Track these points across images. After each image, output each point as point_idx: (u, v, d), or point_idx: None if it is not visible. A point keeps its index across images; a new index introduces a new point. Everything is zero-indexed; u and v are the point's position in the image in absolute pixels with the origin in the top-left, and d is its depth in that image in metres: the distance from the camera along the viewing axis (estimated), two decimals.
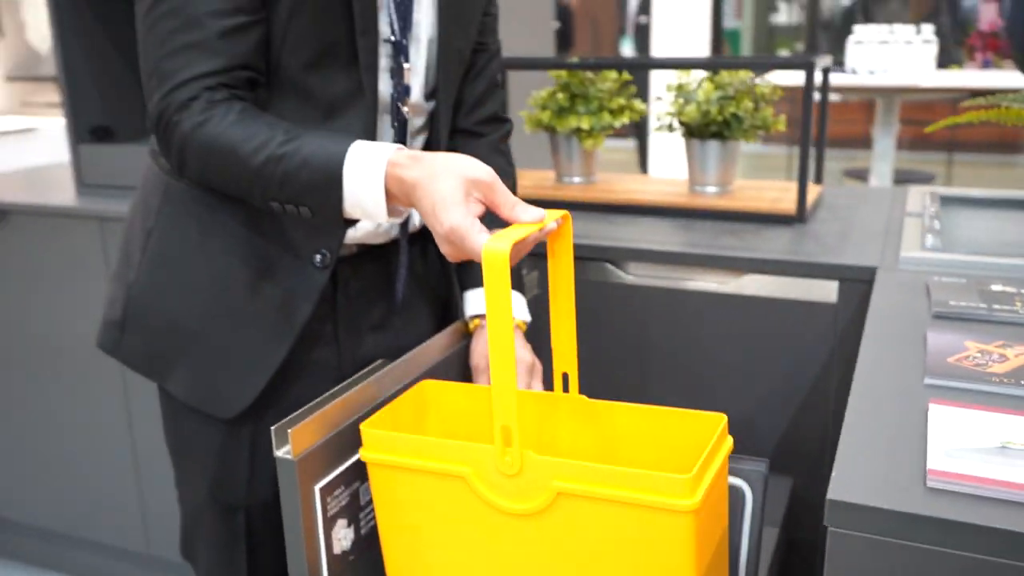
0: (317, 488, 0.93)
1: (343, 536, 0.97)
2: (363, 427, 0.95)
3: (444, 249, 0.93)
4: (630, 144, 7.03)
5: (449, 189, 0.90)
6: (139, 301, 1.14)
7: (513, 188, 1.25)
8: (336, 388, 0.99)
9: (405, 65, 1.10)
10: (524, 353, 1.16)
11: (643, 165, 6.65)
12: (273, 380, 1.11)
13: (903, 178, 3.56)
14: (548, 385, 1.08)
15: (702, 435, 0.93)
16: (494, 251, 0.82)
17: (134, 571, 2.10)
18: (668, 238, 1.48)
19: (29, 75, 4.30)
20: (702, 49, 6.36)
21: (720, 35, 6.07)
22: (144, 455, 1.91)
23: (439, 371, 1.13)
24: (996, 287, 1.14)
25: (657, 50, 6.46)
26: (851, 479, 0.69)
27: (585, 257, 1.47)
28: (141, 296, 1.13)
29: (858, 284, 1.29)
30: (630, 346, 1.48)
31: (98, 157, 1.93)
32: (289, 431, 0.89)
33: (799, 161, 1.53)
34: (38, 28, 4.26)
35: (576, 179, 1.81)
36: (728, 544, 0.97)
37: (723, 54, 7.68)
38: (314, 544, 0.94)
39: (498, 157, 1.26)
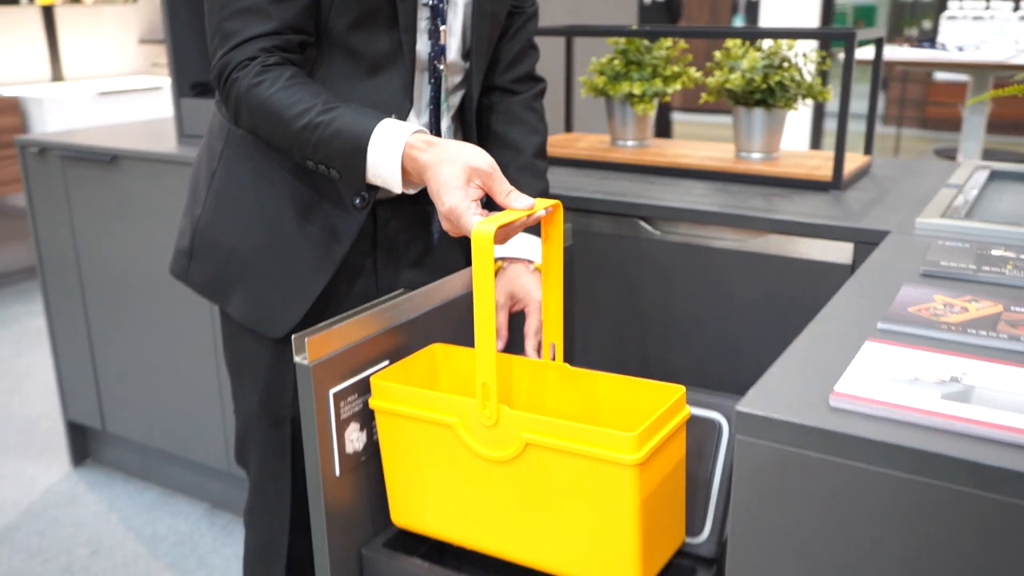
0: (331, 393, 1.06)
1: (355, 438, 1.11)
2: (373, 379, 1.10)
3: (444, 225, 1.07)
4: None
5: (452, 174, 1.04)
6: (204, 233, 1.29)
7: (543, 144, 1.35)
8: (357, 309, 1.12)
9: (441, 27, 1.22)
10: (536, 292, 1.26)
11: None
12: (317, 307, 1.26)
13: (992, 158, 3.44)
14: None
15: (662, 403, 1.02)
16: (481, 232, 0.97)
17: (216, 485, 2.32)
18: (700, 199, 1.55)
19: (158, 38, 4.62)
20: (811, 24, 6.23)
21: (831, 11, 5.92)
22: (227, 379, 2.11)
23: (455, 305, 1.25)
24: (995, 252, 1.17)
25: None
26: (764, 396, 0.77)
27: (620, 214, 1.56)
28: (206, 229, 1.29)
29: (871, 247, 1.33)
30: (655, 298, 1.56)
31: (197, 110, 2.12)
32: (307, 340, 1.03)
33: (837, 129, 1.57)
34: None
35: (629, 143, 1.89)
36: (686, 496, 1.07)
37: None
38: (327, 443, 1.07)
39: (530, 114, 1.36)
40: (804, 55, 1.69)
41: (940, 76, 6.76)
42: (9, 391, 3.08)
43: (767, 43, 1.73)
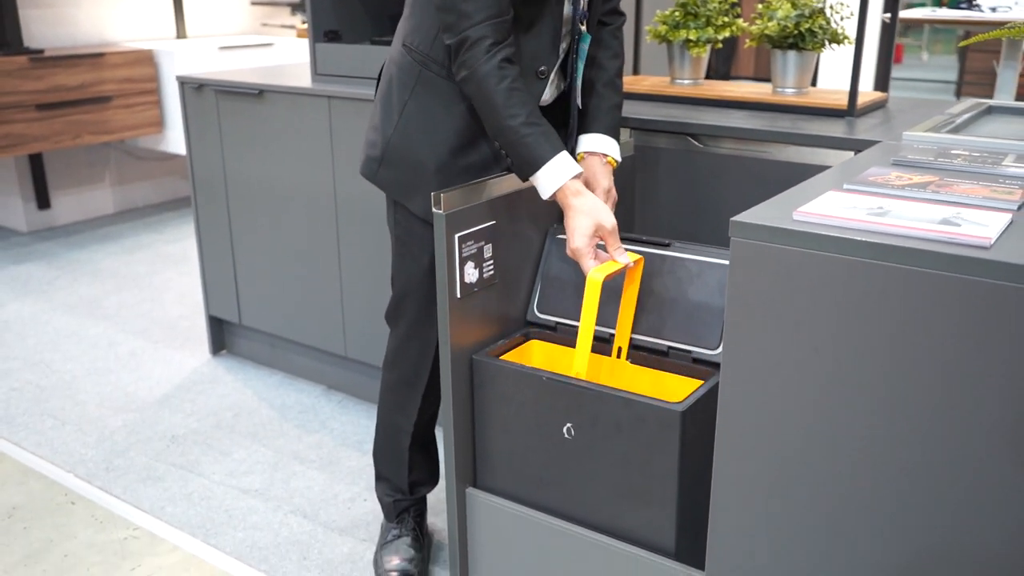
0: (456, 236, 1.50)
1: (470, 273, 1.55)
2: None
3: (568, 252, 1.53)
4: None
5: (585, 224, 1.49)
6: (395, 147, 1.69)
7: (622, 67, 1.76)
8: (477, 180, 1.55)
9: None
10: (604, 179, 1.67)
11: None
12: None
13: None
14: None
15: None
16: (593, 279, 1.45)
17: (333, 370, 2.80)
18: (736, 122, 1.94)
19: (268, 0, 5.12)
20: None
21: None
22: (347, 277, 2.57)
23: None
24: (956, 151, 1.54)
25: None
26: (753, 214, 1.18)
27: (674, 132, 1.96)
28: (397, 144, 1.68)
29: None
30: (700, 196, 1.96)
31: (328, 53, 2.58)
32: (442, 195, 1.47)
33: (852, 64, 1.94)
34: None
35: (686, 81, 2.29)
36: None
37: None
38: (453, 273, 1.51)
39: (614, 41, 1.77)
40: (832, 6, 2.06)
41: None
42: (151, 300, 3.62)
43: None
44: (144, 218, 4.79)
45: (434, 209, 1.48)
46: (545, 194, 1.51)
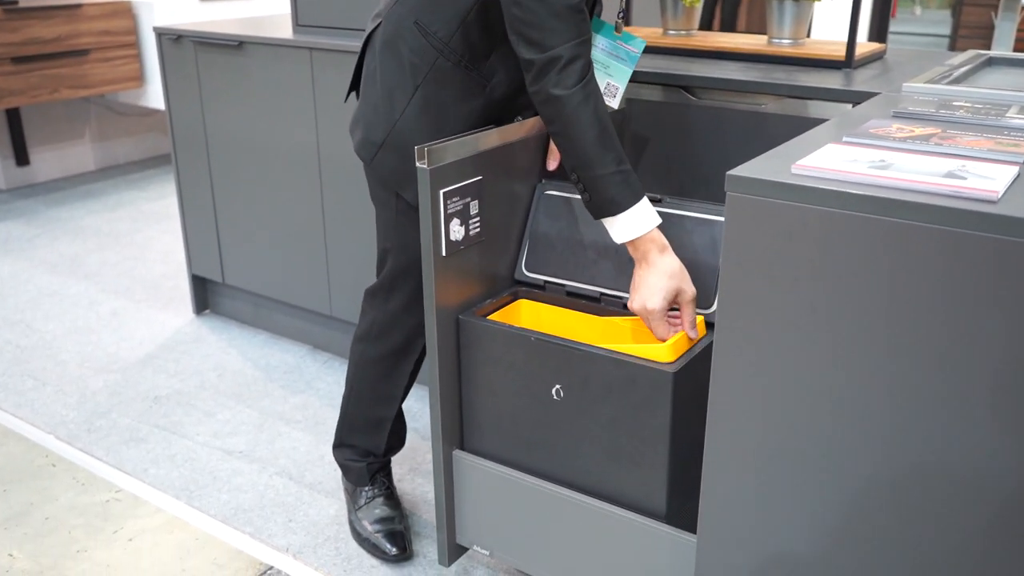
0: (441, 192, 1.45)
1: (456, 230, 1.50)
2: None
3: (634, 307, 1.45)
4: None
5: (665, 286, 1.42)
6: (400, 133, 1.60)
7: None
8: (461, 134, 1.49)
9: None
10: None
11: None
12: None
13: None
14: None
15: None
16: (660, 350, 1.37)
17: (318, 330, 2.76)
18: (730, 73, 1.88)
19: None
20: None
21: None
22: (332, 234, 2.52)
23: (538, 138, 1.61)
24: (958, 102, 1.49)
25: None
26: (749, 168, 1.13)
27: (666, 84, 1.90)
28: (403, 130, 1.59)
29: None
30: (691, 149, 1.91)
31: (310, 3, 2.49)
32: (427, 149, 1.41)
33: (851, 15, 1.88)
34: None
35: (681, 32, 2.22)
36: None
37: None
38: (438, 230, 1.46)
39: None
40: None
41: None
42: (133, 258, 3.56)
43: None
44: (126, 175, 4.70)
45: (418, 163, 1.42)
46: (617, 238, 1.45)
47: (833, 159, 1.14)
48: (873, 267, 1.05)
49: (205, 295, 3.05)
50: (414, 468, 2.17)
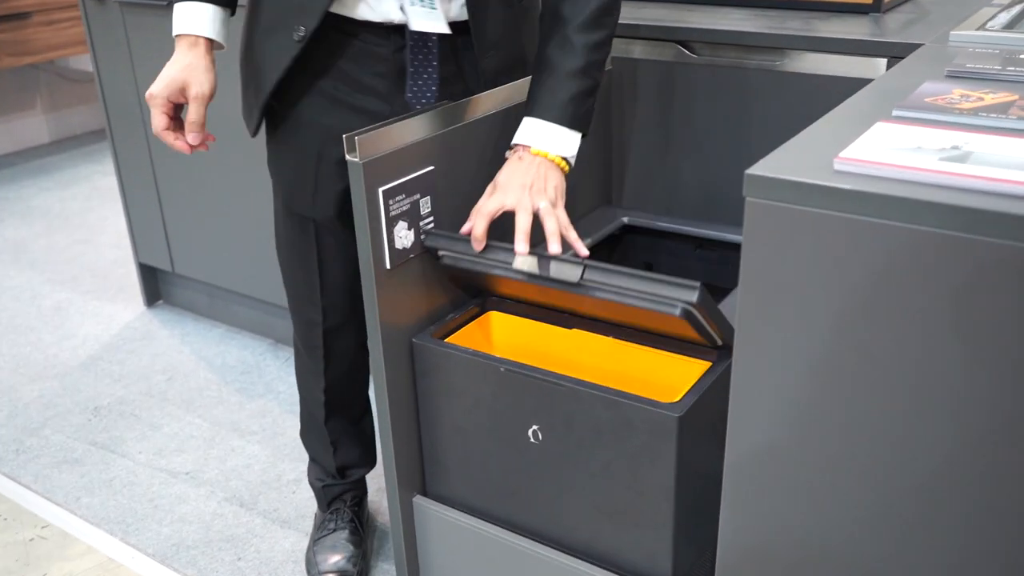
0: (381, 191, 1.15)
1: (403, 236, 1.20)
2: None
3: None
4: None
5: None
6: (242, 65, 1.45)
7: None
8: (405, 115, 1.19)
9: None
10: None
11: None
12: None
13: None
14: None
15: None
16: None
17: (279, 323, 2.48)
18: (737, 24, 1.57)
19: None
20: None
21: None
22: None
23: (497, 116, 1.31)
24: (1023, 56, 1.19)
25: None
26: (774, 163, 0.84)
27: (659, 39, 1.59)
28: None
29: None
30: (692, 120, 1.60)
31: None
32: (357, 139, 1.11)
33: None
34: None
35: None
36: None
37: None
38: (379, 239, 1.17)
39: None
40: None
41: None
42: (83, 242, 3.26)
43: None
44: (82, 147, 4.37)
45: (348, 156, 1.12)
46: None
47: (888, 146, 0.85)
48: (959, 300, 0.76)
49: (157, 285, 2.76)
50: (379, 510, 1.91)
